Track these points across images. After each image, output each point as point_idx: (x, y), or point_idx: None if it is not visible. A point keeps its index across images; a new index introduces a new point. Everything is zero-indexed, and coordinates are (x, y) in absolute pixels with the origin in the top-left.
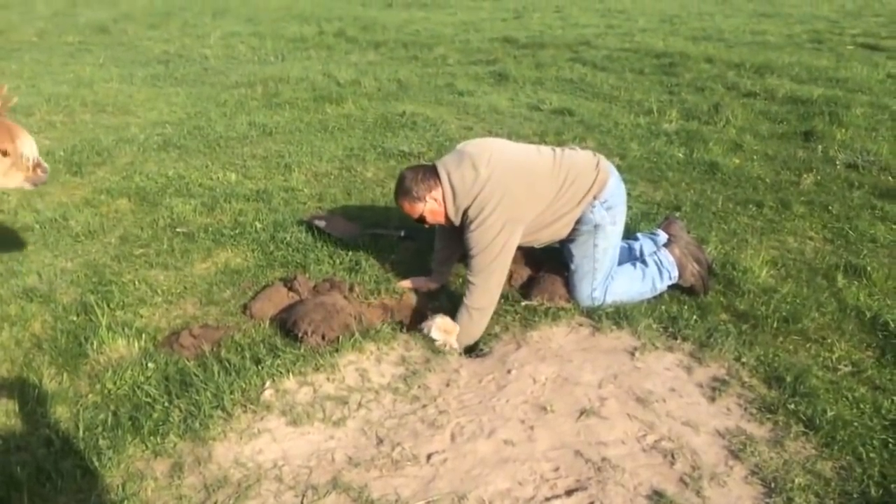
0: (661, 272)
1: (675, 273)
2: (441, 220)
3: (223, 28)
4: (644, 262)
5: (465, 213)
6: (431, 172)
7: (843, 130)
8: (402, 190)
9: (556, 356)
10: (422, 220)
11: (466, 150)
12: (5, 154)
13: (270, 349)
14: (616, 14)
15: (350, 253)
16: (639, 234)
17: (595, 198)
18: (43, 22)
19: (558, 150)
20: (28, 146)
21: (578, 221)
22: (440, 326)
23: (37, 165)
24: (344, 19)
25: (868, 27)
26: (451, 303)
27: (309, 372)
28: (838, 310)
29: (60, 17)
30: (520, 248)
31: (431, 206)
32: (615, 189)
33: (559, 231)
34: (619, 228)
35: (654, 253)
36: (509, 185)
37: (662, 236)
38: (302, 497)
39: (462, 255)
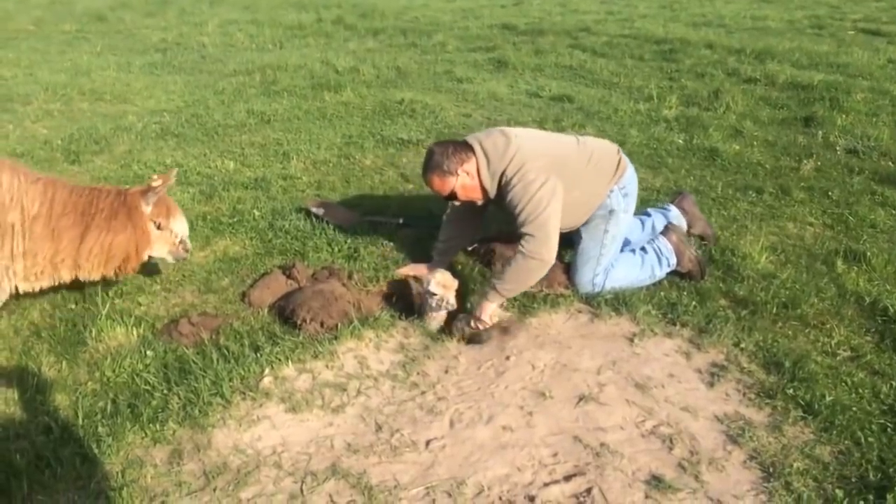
0: (659, 259)
1: (674, 260)
2: (474, 195)
3: (221, 16)
4: (643, 249)
5: (502, 175)
6: (462, 145)
7: (844, 116)
8: (431, 164)
9: (554, 342)
10: (452, 196)
11: (492, 128)
12: (159, 227)
13: (269, 337)
14: (616, 0)
15: (348, 240)
16: (650, 210)
17: (615, 182)
18: (40, 10)
19: (577, 136)
20: (180, 225)
21: None
22: (439, 281)
23: (181, 243)
24: (342, 6)
25: (869, 12)
26: None
27: (308, 359)
28: (837, 295)
29: (57, 5)
30: None
31: (463, 181)
32: (632, 177)
33: (580, 217)
34: (629, 217)
35: (653, 240)
36: (542, 153)
37: (674, 211)
38: (301, 483)
39: (464, 245)
